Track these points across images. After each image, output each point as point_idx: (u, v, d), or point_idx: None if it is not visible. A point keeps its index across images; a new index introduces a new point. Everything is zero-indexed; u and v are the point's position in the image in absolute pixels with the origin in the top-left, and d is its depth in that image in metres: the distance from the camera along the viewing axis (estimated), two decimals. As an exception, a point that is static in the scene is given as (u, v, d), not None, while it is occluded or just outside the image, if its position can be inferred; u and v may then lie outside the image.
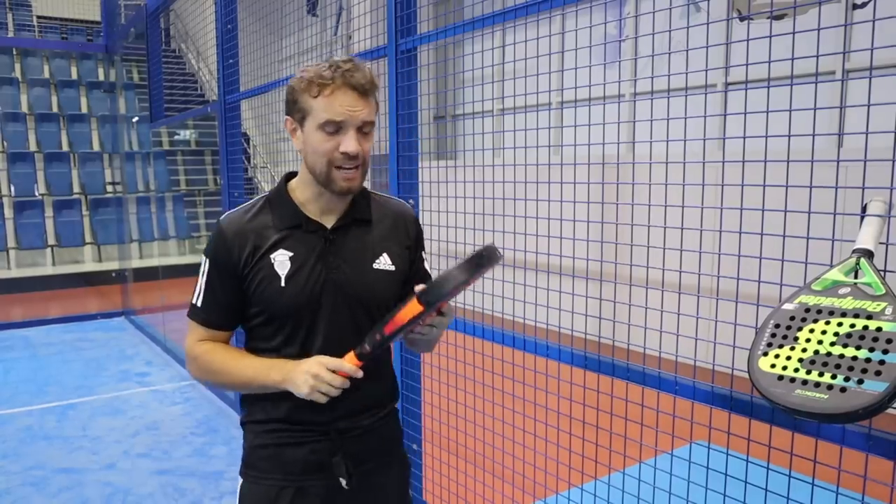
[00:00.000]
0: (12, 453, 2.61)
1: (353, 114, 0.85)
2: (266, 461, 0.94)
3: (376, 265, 0.94)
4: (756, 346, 0.76)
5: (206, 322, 0.94)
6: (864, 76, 2.93)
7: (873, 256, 0.78)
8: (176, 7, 4.86)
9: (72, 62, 8.56)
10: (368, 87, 0.87)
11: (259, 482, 0.94)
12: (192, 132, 8.02)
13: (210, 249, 0.92)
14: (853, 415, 0.66)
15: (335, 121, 0.85)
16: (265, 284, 0.89)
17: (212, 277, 0.92)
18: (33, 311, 5.57)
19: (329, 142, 0.86)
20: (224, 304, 0.92)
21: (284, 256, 0.90)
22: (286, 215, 0.92)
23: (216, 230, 0.93)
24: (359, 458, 0.95)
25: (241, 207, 0.95)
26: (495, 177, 1.64)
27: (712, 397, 1.05)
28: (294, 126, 0.90)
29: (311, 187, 0.92)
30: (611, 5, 2.97)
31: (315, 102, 0.86)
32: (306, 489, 0.93)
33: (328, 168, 0.87)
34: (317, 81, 0.85)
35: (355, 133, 0.86)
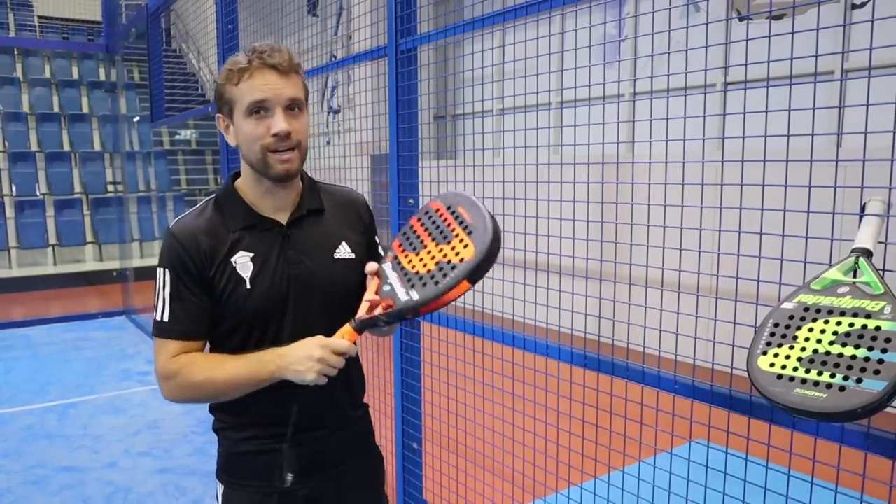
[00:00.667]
0: (14, 452, 2.62)
1: (276, 91, 0.84)
2: (247, 467, 0.92)
3: (337, 255, 0.93)
4: (755, 345, 0.76)
5: (179, 334, 0.88)
6: (862, 76, 2.93)
7: (872, 256, 0.78)
8: (177, 7, 4.86)
9: (73, 62, 8.57)
10: (287, 65, 0.85)
11: (242, 489, 0.93)
12: (193, 132, 8.02)
13: (166, 259, 0.88)
14: (852, 414, 0.66)
15: (258, 100, 0.83)
16: (230, 289, 0.87)
17: (175, 287, 0.87)
18: (34, 310, 5.58)
19: (259, 126, 0.84)
20: (195, 310, 0.87)
21: (245, 258, 0.87)
22: (239, 216, 0.89)
23: (168, 238, 0.88)
24: (334, 457, 0.95)
25: (191, 212, 0.92)
26: (495, 176, 1.64)
27: (712, 396, 1.05)
28: (226, 122, 0.89)
29: (257, 184, 0.89)
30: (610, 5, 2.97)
31: (238, 89, 0.84)
32: (290, 493, 0.92)
33: (263, 154, 0.85)
34: (236, 69, 0.84)
35: (283, 112, 0.84)
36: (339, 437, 0.95)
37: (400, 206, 1.74)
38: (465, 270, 0.77)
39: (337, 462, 0.95)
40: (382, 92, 1.79)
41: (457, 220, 0.82)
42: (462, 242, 0.80)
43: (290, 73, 0.86)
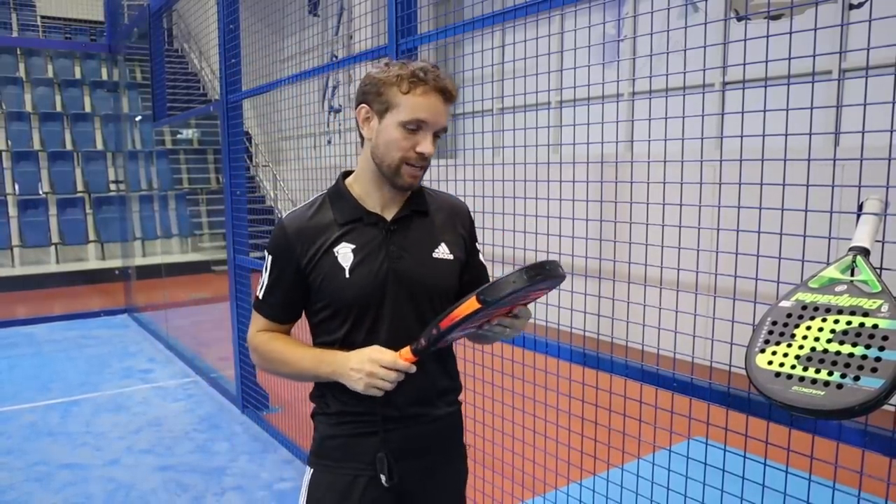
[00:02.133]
0: (17, 449, 2.63)
1: (437, 117, 0.89)
2: (338, 451, 0.95)
3: (436, 254, 0.96)
4: (753, 343, 0.76)
5: (266, 314, 0.97)
6: (860, 76, 2.95)
7: (869, 254, 0.78)
8: (178, 7, 4.87)
9: (75, 62, 8.59)
10: (454, 93, 0.91)
11: (332, 471, 0.96)
12: (195, 131, 8.04)
13: (274, 247, 0.95)
14: (849, 411, 0.66)
15: (421, 119, 0.88)
16: (330, 278, 0.92)
17: (274, 273, 0.95)
18: (37, 308, 5.60)
19: (407, 139, 0.89)
20: (285, 299, 0.95)
21: (347, 249, 0.92)
22: (346, 210, 0.94)
23: (278, 228, 0.95)
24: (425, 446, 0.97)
25: (303, 205, 0.98)
26: (495, 175, 1.65)
27: (710, 394, 1.05)
28: (369, 115, 0.92)
29: (370, 181, 0.94)
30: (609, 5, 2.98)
31: (404, 98, 0.88)
32: (376, 477, 0.94)
33: (399, 163, 0.90)
34: (409, 78, 0.88)
35: (432, 136, 0.90)
36: (429, 429, 0.97)
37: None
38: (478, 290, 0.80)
39: (423, 453, 0.97)
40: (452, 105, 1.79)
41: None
42: None
43: (450, 102, 0.91)
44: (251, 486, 2.31)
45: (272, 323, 0.98)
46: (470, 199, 1.70)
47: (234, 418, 2.95)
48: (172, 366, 3.85)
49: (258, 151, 7.11)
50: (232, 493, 2.26)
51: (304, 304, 0.96)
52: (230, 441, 2.70)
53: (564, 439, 1.44)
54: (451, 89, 0.90)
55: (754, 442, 1.00)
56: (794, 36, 0.90)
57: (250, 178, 6.54)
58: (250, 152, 6.66)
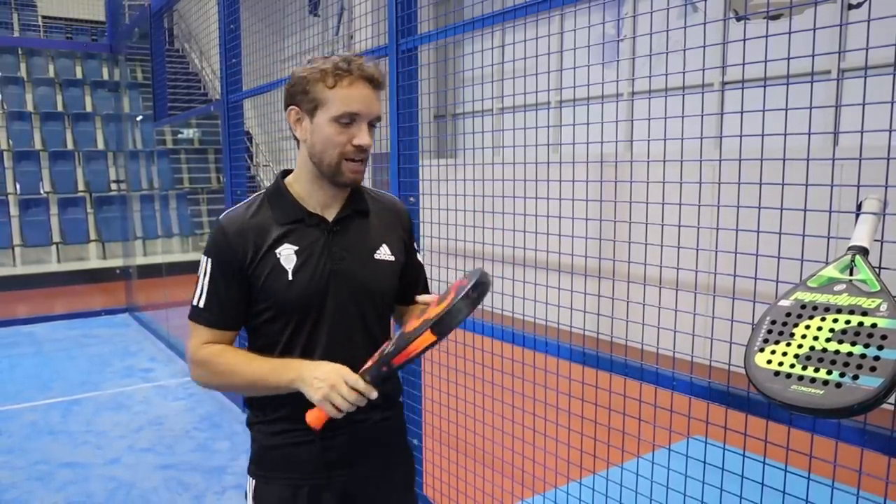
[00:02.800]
0: (18, 448, 2.64)
1: (369, 107, 0.86)
2: (279, 461, 0.94)
3: (377, 256, 0.95)
4: (752, 343, 0.76)
5: (211, 323, 0.92)
6: (859, 76, 2.95)
7: (868, 254, 0.78)
8: (179, 7, 4.88)
9: (76, 62, 8.60)
10: (382, 80, 0.88)
11: (273, 482, 0.94)
12: (196, 131, 8.05)
13: (211, 249, 0.91)
14: (848, 410, 0.66)
15: (353, 112, 0.85)
16: (272, 279, 0.89)
17: (215, 277, 0.90)
18: (38, 307, 5.61)
19: (342, 134, 0.86)
20: (230, 303, 0.91)
21: (290, 250, 0.90)
22: (287, 210, 0.92)
23: (217, 229, 0.91)
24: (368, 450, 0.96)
25: (241, 205, 0.94)
26: (495, 175, 1.65)
27: (709, 393, 1.06)
28: (300, 116, 0.89)
29: (310, 181, 0.92)
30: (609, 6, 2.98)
31: (331, 93, 0.85)
32: (322, 486, 0.93)
33: (339, 160, 0.87)
34: (333, 72, 0.85)
35: (367, 127, 0.87)
36: (371, 432, 0.96)
37: (401, 204, 1.75)
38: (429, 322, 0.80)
39: (365, 458, 0.96)
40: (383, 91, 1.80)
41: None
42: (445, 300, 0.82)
43: (381, 90, 0.89)
44: (252, 484, 2.32)
45: (216, 331, 0.91)
46: (470, 199, 1.71)
47: (234, 417, 2.96)
48: (173, 365, 3.85)
49: (259, 151, 7.11)
50: (232, 491, 2.27)
51: (247, 309, 0.91)
52: (231, 440, 2.70)
53: (564, 438, 1.44)
54: (377, 76, 0.87)
55: (753, 441, 1.01)
56: (794, 36, 0.90)
57: (251, 177, 6.54)
58: (251, 152, 6.67)
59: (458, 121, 3.89)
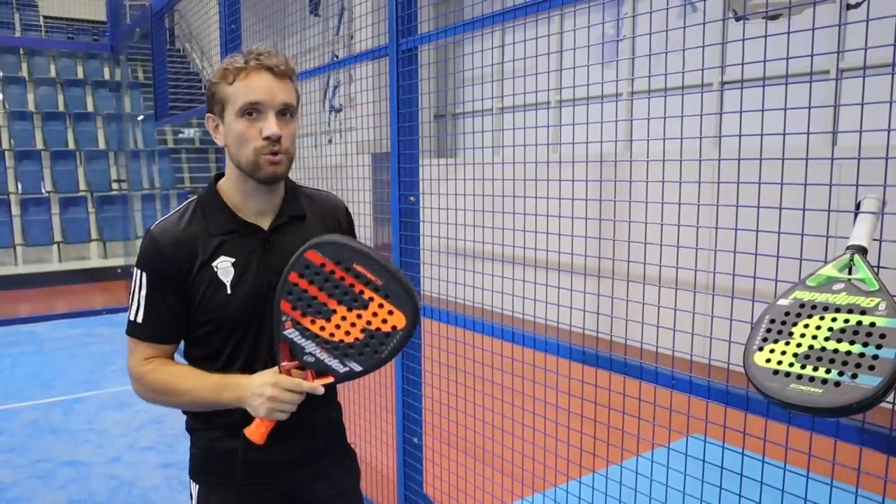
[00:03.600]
0: (19, 446, 2.65)
1: (270, 94, 0.84)
2: (222, 466, 0.93)
3: None
4: (751, 342, 0.76)
5: (150, 337, 0.89)
6: (857, 75, 2.95)
7: (867, 253, 0.78)
8: (180, 7, 4.89)
9: (78, 61, 8.62)
10: (284, 68, 0.85)
11: (217, 488, 0.93)
12: (196, 130, 8.06)
13: (145, 261, 0.88)
14: (847, 409, 0.66)
15: (253, 101, 0.83)
16: (210, 294, 0.87)
17: (152, 290, 0.87)
18: (40, 306, 5.62)
19: (251, 128, 0.84)
20: (169, 316, 0.88)
21: (227, 263, 0.87)
22: (221, 221, 0.89)
23: (149, 241, 0.88)
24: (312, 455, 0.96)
25: (173, 214, 0.92)
26: (495, 174, 1.65)
27: (708, 392, 1.06)
28: (215, 122, 0.89)
29: (241, 187, 0.89)
30: (609, 5, 2.98)
31: (232, 89, 0.84)
32: (267, 490, 0.93)
33: (254, 156, 0.84)
34: (232, 68, 0.84)
35: (275, 117, 0.84)
36: (314, 435, 0.96)
37: (401, 203, 1.76)
38: (403, 340, 0.78)
39: (311, 460, 0.96)
40: (383, 91, 1.81)
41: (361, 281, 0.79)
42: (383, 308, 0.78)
43: (285, 78, 0.86)
44: (252, 483, 2.32)
45: (156, 346, 0.89)
46: (470, 198, 1.72)
47: (235, 416, 2.97)
48: (174, 364, 3.86)
49: (259, 150, 7.09)
50: (233, 490, 2.27)
51: (186, 322, 0.89)
52: (232, 439, 2.71)
53: (564, 437, 1.45)
54: (277, 64, 0.84)
55: (752, 439, 1.01)
56: (793, 36, 0.91)
57: (252, 177, 6.51)
58: (252, 151, 6.64)
59: (458, 120, 3.90)
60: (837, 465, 0.90)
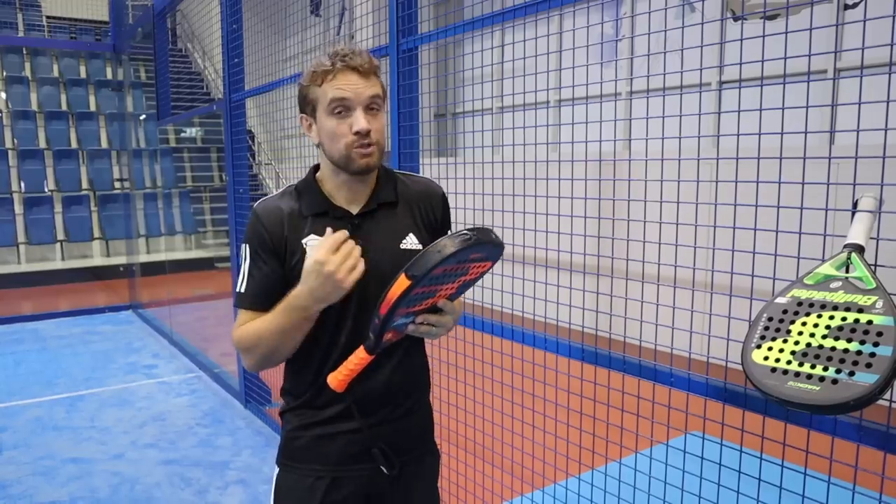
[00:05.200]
0: (22, 444, 2.66)
1: (357, 91, 0.89)
2: (302, 451, 0.96)
3: (403, 245, 0.96)
4: (749, 339, 0.76)
5: (252, 305, 0.94)
6: (854, 75, 2.95)
7: (864, 251, 0.79)
8: (182, 7, 4.90)
9: (80, 61, 8.64)
10: (368, 66, 0.90)
11: (295, 472, 0.96)
12: (198, 130, 8.08)
13: (249, 235, 0.95)
14: (844, 406, 0.67)
15: (340, 97, 0.88)
16: (299, 269, 0.90)
17: (254, 261, 0.94)
18: (43, 304, 5.64)
19: (341, 124, 0.89)
20: (269, 284, 0.93)
21: (316, 241, 0.92)
22: (313, 203, 0.95)
23: (252, 216, 0.95)
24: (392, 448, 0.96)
25: (274, 195, 0.98)
26: (494, 173, 1.66)
27: (707, 389, 1.06)
28: (308, 122, 0.94)
29: (334, 177, 0.95)
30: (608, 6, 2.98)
31: (321, 90, 0.89)
32: (342, 479, 0.94)
33: (346, 150, 0.90)
34: (320, 70, 0.89)
35: (363, 111, 0.89)
36: (397, 429, 0.97)
37: (402, 202, 1.76)
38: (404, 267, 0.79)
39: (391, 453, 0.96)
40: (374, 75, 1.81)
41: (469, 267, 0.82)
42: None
43: (370, 75, 0.91)
44: (254, 479, 2.33)
45: (255, 313, 0.93)
46: (470, 197, 1.72)
47: (237, 413, 2.98)
48: (176, 361, 3.87)
49: (261, 150, 7.13)
50: (235, 486, 2.28)
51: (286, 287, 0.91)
52: (233, 435, 2.72)
53: (564, 434, 1.46)
54: (361, 63, 0.89)
55: (750, 436, 1.01)
56: (790, 36, 0.91)
57: (253, 175, 6.57)
58: (253, 150, 6.69)
59: (458, 120, 3.90)
60: (835, 461, 0.90)
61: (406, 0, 1.68)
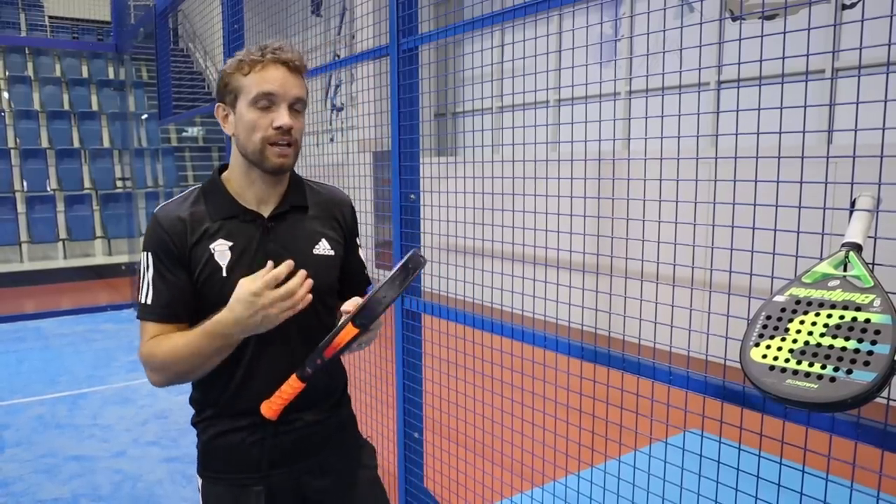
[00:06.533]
0: (25, 441, 2.67)
1: (284, 87, 0.86)
2: (225, 460, 0.92)
3: (316, 251, 0.93)
4: (748, 337, 0.76)
5: (158, 317, 0.88)
6: (852, 75, 2.95)
7: (862, 250, 0.79)
8: (184, 7, 4.91)
9: (83, 61, 8.66)
10: (298, 63, 0.88)
11: (221, 482, 0.93)
12: (200, 129, 8.09)
13: (150, 242, 0.90)
14: (842, 404, 0.67)
15: (267, 92, 0.85)
16: (206, 275, 0.88)
17: (158, 270, 0.88)
18: (45, 303, 5.66)
19: (263, 118, 0.86)
20: (176, 293, 0.88)
21: (224, 247, 0.88)
22: (222, 206, 0.90)
23: (152, 222, 0.90)
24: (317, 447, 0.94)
25: (176, 198, 0.94)
26: (494, 172, 1.67)
27: (705, 387, 1.07)
28: (226, 111, 0.90)
29: (244, 175, 0.90)
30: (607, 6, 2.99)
31: (247, 80, 0.86)
32: (271, 485, 0.92)
33: (262, 145, 0.86)
34: (248, 60, 0.87)
35: (287, 109, 0.87)
36: (320, 426, 0.95)
37: (401, 201, 1.77)
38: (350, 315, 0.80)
39: (316, 452, 0.95)
40: (384, 90, 1.82)
41: None
42: None
43: (298, 74, 0.89)
44: (255, 478, 2.34)
45: (163, 325, 0.87)
46: (470, 196, 1.73)
47: (238, 412, 2.99)
48: (178, 361, 3.89)
49: (262, 149, 7.12)
50: (236, 485, 2.30)
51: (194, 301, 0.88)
52: (235, 435, 2.73)
53: (563, 431, 1.46)
54: (293, 59, 0.87)
55: (749, 434, 1.02)
56: (788, 36, 0.91)
57: (255, 175, 6.55)
58: (255, 150, 6.67)
59: (458, 119, 3.91)
60: (833, 459, 0.90)
61: (406, 0, 1.69)
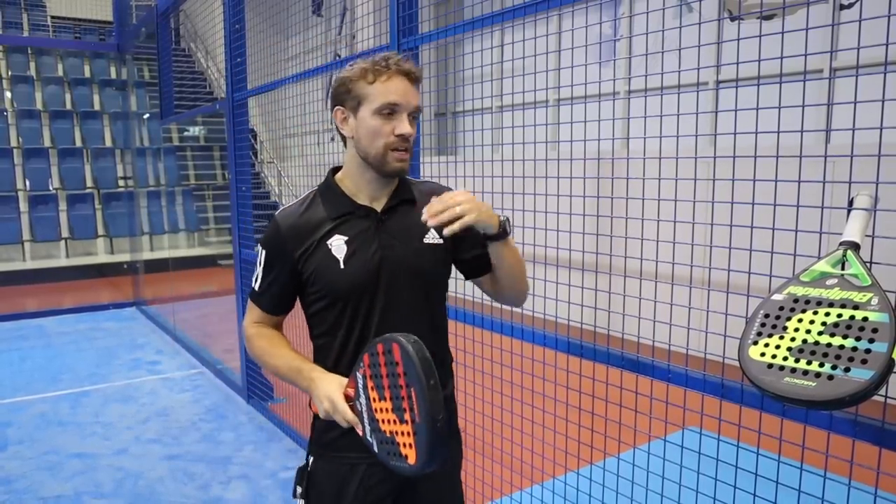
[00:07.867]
0: (28, 439, 2.69)
1: (406, 98, 0.92)
2: (338, 440, 0.98)
3: (426, 240, 0.99)
4: (746, 336, 0.76)
5: (261, 306, 1.01)
6: (850, 74, 2.95)
7: (860, 249, 0.79)
8: (186, 7, 4.92)
9: (85, 61, 8.68)
10: (418, 74, 0.95)
11: (331, 460, 0.99)
12: (201, 129, 8.11)
13: (266, 240, 0.99)
14: (840, 402, 0.67)
15: (392, 102, 0.91)
16: (324, 269, 0.95)
17: (267, 266, 0.99)
18: (48, 301, 5.67)
19: (385, 125, 0.92)
20: (276, 291, 0.99)
21: (340, 241, 0.95)
22: (338, 204, 0.98)
23: (272, 223, 0.99)
24: None
25: (295, 202, 1.01)
26: (494, 172, 1.67)
27: (704, 385, 1.07)
28: (345, 115, 0.96)
29: (359, 175, 0.97)
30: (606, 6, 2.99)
31: (371, 88, 0.92)
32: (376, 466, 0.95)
33: (384, 150, 0.93)
34: (373, 69, 0.92)
35: (407, 117, 0.93)
36: None
37: (403, 200, 1.77)
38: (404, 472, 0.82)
39: None
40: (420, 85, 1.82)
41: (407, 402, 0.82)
42: (408, 436, 0.81)
43: (417, 84, 0.95)
44: (256, 474, 2.35)
45: (264, 314, 1.02)
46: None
47: (239, 408, 3.00)
48: (179, 357, 3.90)
49: (263, 148, 7.16)
50: (237, 481, 2.30)
51: (295, 298, 1.00)
52: (236, 431, 2.74)
53: (562, 429, 1.47)
54: (414, 70, 0.94)
55: (747, 432, 1.02)
56: (786, 36, 0.92)
57: (255, 174, 6.59)
58: (255, 149, 6.71)
59: (458, 118, 3.91)
60: (831, 456, 0.91)
61: (407, 0, 1.69)
